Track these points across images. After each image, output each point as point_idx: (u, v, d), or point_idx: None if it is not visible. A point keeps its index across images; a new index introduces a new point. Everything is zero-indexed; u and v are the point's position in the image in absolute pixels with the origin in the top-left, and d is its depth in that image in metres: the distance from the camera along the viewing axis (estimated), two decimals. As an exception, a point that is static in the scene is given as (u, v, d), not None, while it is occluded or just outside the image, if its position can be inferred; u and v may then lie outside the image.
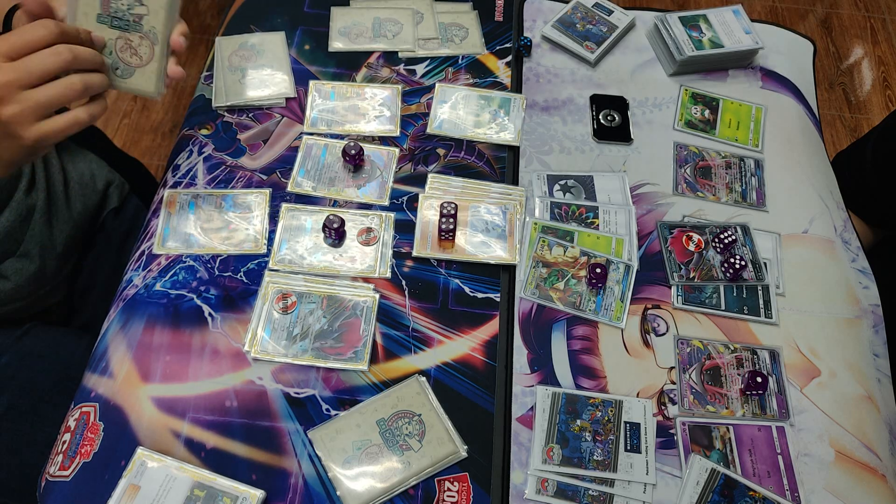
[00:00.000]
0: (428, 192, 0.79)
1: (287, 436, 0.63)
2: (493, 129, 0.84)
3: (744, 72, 0.92)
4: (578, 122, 0.86)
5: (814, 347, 0.71)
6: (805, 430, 0.66)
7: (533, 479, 0.62)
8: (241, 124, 0.83)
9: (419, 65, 0.89)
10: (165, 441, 0.62)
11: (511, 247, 0.75)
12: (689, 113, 0.87)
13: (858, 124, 1.87)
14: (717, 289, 0.74)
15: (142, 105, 1.78)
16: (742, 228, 0.78)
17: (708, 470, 0.63)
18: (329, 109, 0.84)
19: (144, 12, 0.61)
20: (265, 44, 0.89)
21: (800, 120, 0.89)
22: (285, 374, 0.66)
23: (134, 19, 0.61)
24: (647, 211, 0.79)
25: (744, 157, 0.84)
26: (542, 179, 0.80)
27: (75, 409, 0.64)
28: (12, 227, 0.75)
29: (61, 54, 0.57)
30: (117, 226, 0.93)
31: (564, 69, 0.91)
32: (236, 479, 0.60)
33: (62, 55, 0.57)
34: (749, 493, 0.62)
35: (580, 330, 0.71)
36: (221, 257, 0.73)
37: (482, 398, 0.66)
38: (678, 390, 0.67)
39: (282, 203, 0.77)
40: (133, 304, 0.70)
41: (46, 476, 0.61)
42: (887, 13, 2.10)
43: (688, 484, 0.62)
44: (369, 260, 0.73)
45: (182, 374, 0.66)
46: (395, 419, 0.63)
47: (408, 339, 0.69)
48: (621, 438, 0.64)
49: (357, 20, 0.93)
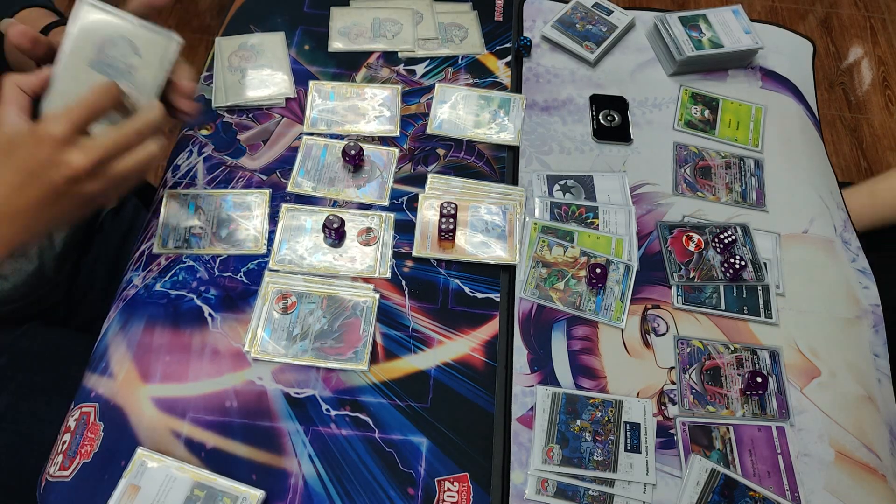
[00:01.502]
0: (428, 193, 0.79)
1: (287, 436, 0.63)
2: (492, 129, 0.84)
3: (744, 72, 0.92)
4: (578, 122, 0.86)
5: (814, 347, 0.71)
6: (805, 431, 0.66)
7: (533, 479, 0.62)
8: (240, 124, 0.83)
9: (419, 65, 0.89)
10: (165, 441, 0.62)
11: (511, 247, 0.75)
12: (689, 113, 0.87)
13: (858, 124, 1.87)
14: (717, 289, 0.74)
15: (142, 105, 1.77)
16: (742, 228, 0.78)
17: (708, 470, 0.63)
18: (329, 109, 0.84)
19: (138, 64, 0.60)
20: (265, 44, 0.89)
21: (800, 120, 0.89)
22: (285, 375, 0.66)
23: (125, 68, 0.59)
24: (647, 211, 0.79)
25: (744, 157, 0.84)
26: (541, 179, 0.80)
27: (75, 409, 0.64)
28: (12, 227, 0.75)
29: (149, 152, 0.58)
30: (116, 226, 0.93)
31: (564, 69, 0.91)
32: (236, 479, 0.60)
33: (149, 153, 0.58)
34: (749, 493, 0.62)
35: (580, 330, 0.71)
36: (221, 257, 0.73)
37: (482, 398, 0.66)
38: (678, 390, 0.67)
39: (282, 203, 0.77)
40: (133, 305, 0.70)
41: (46, 476, 0.61)
42: (887, 13, 2.10)
43: (688, 484, 0.62)
44: (369, 260, 0.73)
45: (182, 374, 0.66)
46: (99, 51, 0.59)
47: (408, 340, 0.69)
48: (621, 438, 0.64)
49: (357, 20, 0.93)
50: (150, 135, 0.58)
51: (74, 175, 0.54)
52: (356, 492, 0.61)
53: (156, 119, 0.58)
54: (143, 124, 0.57)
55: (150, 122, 0.58)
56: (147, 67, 0.60)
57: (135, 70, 0.60)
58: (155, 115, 0.58)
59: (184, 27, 1.93)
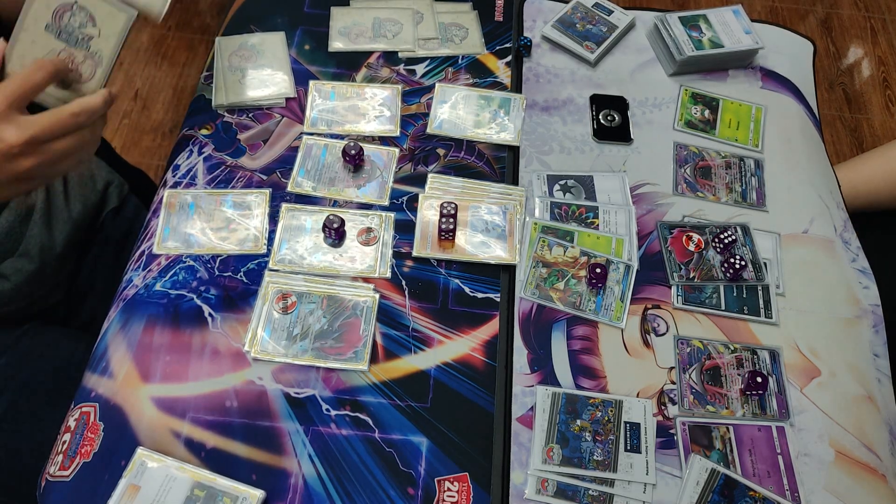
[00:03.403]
0: (428, 192, 0.79)
1: (287, 436, 0.63)
2: (493, 129, 0.84)
3: (744, 72, 0.92)
4: (578, 122, 0.86)
5: (814, 347, 0.71)
6: (805, 430, 0.66)
7: (533, 479, 0.62)
8: (241, 124, 0.83)
9: (419, 65, 0.89)
10: (165, 441, 0.62)
11: (511, 247, 0.75)
12: (689, 113, 0.87)
13: (858, 124, 1.87)
14: (717, 289, 0.74)
15: (142, 105, 1.78)
16: (742, 228, 0.78)
17: (708, 470, 0.63)
18: (329, 109, 0.84)
19: (95, 34, 0.61)
20: (265, 44, 0.89)
21: (800, 120, 0.89)
22: (285, 374, 0.66)
23: (82, 37, 0.61)
24: (647, 211, 0.79)
25: (744, 157, 0.84)
26: (542, 179, 0.80)
27: (75, 409, 0.64)
28: (12, 227, 0.75)
29: (84, 137, 0.60)
30: (117, 226, 0.93)
31: (564, 69, 0.91)
32: (236, 479, 0.60)
33: (84, 138, 0.60)
34: (749, 493, 0.62)
35: (580, 330, 0.71)
36: (221, 257, 0.73)
37: (482, 398, 0.66)
38: (678, 390, 0.67)
39: (282, 203, 0.77)
40: (133, 304, 0.70)
41: (46, 476, 0.61)
42: (887, 13, 2.10)
43: (688, 484, 0.62)
44: (369, 260, 0.73)
45: (182, 374, 0.66)
46: (57, 18, 0.61)
47: (408, 339, 0.69)
48: (621, 438, 0.64)
49: (357, 20, 0.93)
50: (87, 121, 0.60)
51: (6, 150, 0.55)
52: (356, 492, 0.61)
53: (96, 106, 0.60)
54: (80, 109, 0.59)
55: (89, 108, 0.59)
56: (103, 39, 0.62)
57: (90, 40, 0.61)
58: (97, 102, 0.60)
59: (184, 27, 1.93)
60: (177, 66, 1.84)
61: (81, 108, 0.59)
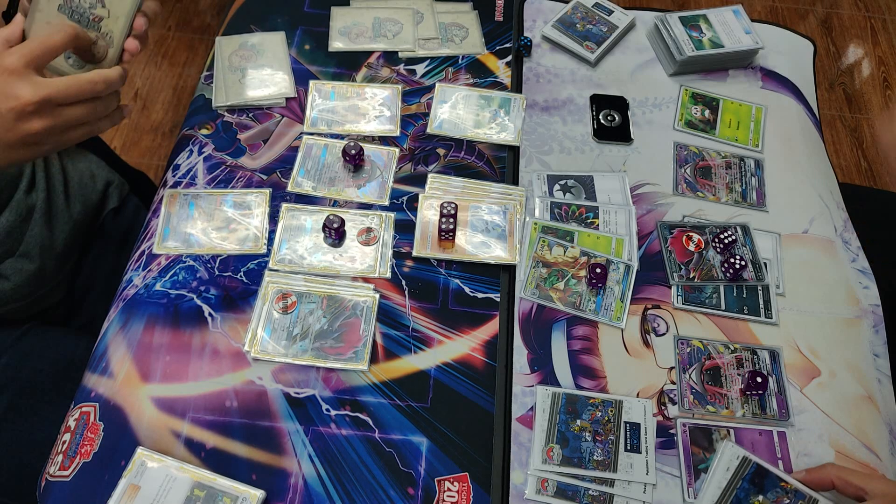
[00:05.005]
0: (428, 192, 0.79)
1: (287, 436, 0.63)
2: (493, 129, 0.84)
3: (744, 72, 0.92)
4: (578, 122, 0.86)
5: (814, 347, 0.71)
6: (805, 431, 0.66)
7: (533, 479, 0.62)
8: (241, 124, 0.83)
9: (419, 65, 0.89)
10: (165, 441, 0.62)
11: (511, 247, 0.75)
12: (689, 113, 0.87)
13: (858, 124, 1.87)
14: (717, 289, 0.74)
15: (142, 105, 1.77)
16: (742, 228, 0.78)
17: (740, 457, 0.62)
18: (329, 109, 0.84)
19: (105, 15, 0.62)
20: (265, 44, 0.89)
21: (800, 120, 0.89)
22: (285, 374, 0.66)
23: (93, 18, 0.62)
24: (647, 211, 0.79)
25: (744, 157, 0.84)
26: (542, 179, 0.80)
27: (75, 409, 0.64)
28: (12, 226, 0.75)
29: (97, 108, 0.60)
30: (117, 226, 0.93)
31: (564, 69, 0.91)
32: (236, 479, 0.60)
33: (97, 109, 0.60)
34: (780, 483, 0.61)
35: (580, 330, 0.71)
36: (221, 257, 0.73)
37: (482, 398, 0.66)
38: (678, 390, 0.67)
39: (282, 203, 0.77)
40: (133, 304, 0.70)
41: (46, 476, 0.61)
42: (887, 13, 2.10)
43: (718, 468, 0.62)
44: (369, 260, 0.73)
45: (182, 374, 0.66)
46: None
47: (408, 339, 0.69)
48: (621, 438, 0.64)
49: (357, 20, 0.93)
50: (103, 90, 0.60)
51: (20, 108, 0.55)
52: (356, 492, 0.61)
53: (114, 77, 0.60)
54: (99, 77, 0.59)
55: (107, 78, 0.60)
56: (113, 20, 0.63)
57: (101, 21, 0.62)
58: (114, 74, 0.60)
59: (184, 27, 1.93)
60: (177, 66, 1.84)
61: (99, 77, 0.59)
